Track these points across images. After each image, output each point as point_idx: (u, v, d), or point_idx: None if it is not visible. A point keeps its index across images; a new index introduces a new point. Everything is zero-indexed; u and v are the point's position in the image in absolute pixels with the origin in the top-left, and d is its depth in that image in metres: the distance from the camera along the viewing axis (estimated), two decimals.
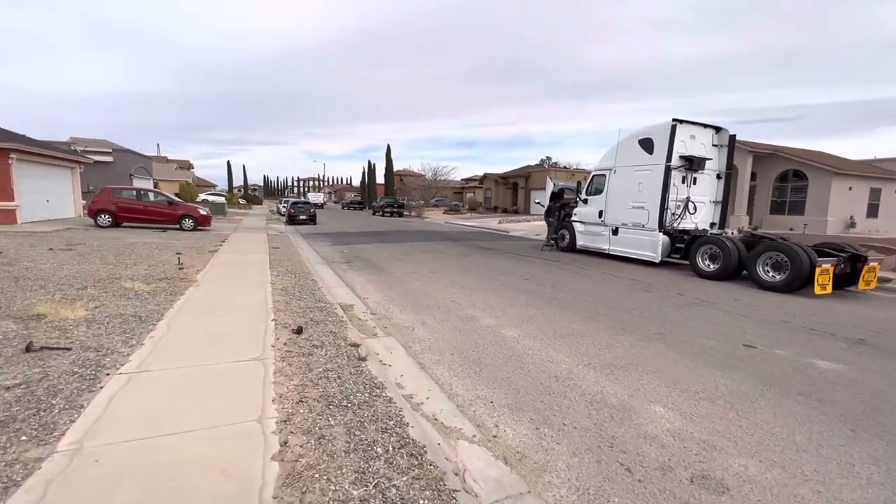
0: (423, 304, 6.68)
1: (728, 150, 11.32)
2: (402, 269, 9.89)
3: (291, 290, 6.71)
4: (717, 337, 5.25)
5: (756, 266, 8.52)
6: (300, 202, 26.16)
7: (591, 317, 6.06)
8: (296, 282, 7.43)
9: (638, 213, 11.29)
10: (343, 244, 14.88)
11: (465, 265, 10.60)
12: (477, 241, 16.78)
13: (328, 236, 17.74)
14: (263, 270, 8.36)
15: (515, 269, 10.09)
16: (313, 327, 4.89)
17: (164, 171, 45.77)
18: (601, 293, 7.65)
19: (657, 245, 10.73)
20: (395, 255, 12.14)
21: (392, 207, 38.02)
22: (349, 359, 3.99)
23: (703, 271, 9.56)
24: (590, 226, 13.04)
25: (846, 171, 19.31)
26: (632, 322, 5.84)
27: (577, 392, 3.70)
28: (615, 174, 12.12)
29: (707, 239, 9.69)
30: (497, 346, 4.79)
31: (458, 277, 8.91)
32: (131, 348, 3.95)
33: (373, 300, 6.87)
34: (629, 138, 11.72)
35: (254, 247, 12.30)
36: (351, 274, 9.14)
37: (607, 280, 8.97)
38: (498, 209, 41.13)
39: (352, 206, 55.19)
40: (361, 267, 10.07)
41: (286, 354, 3.97)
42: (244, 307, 5.57)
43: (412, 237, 18.04)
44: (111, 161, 26.32)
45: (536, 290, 7.75)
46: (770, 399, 3.63)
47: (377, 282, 8.33)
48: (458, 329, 5.41)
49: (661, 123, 10.81)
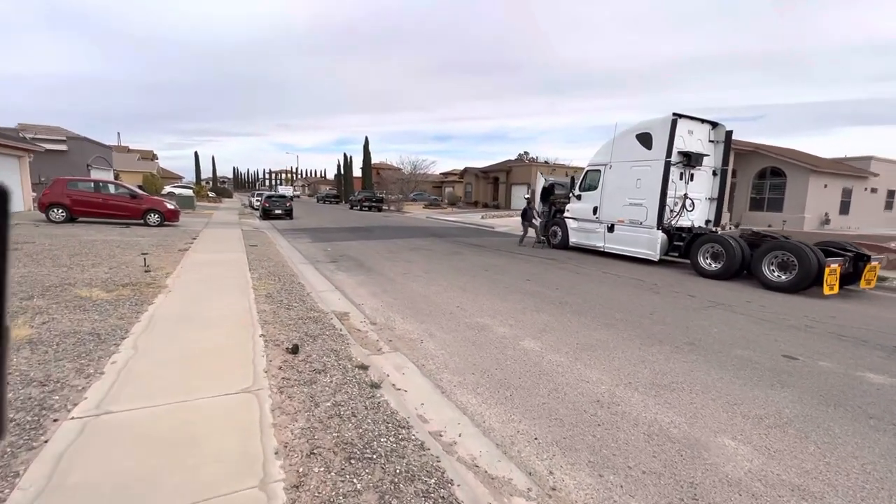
0: (426, 310, 6.08)
1: (724, 146, 11.15)
2: (392, 269, 9.23)
3: (278, 297, 5.97)
4: (750, 346, 4.88)
5: (762, 266, 8.31)
6: (275, 196, 24.94)
7: (610, 324, 5.61)
8: (281, 286, 6.68)
9: (635, 209, 10.98)
10: (325, 241, 14.04)
11: (459, 264, 10.03)
12: (464, 238, 16.23)
13: (307, 232, 16.81)
14: (243, 272, 7.54)
15: (513, 269, 9.59)
16: (310, 344, 4.21)
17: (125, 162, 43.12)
18: (610, 295, 7.24)
19: (656, 243, 10.46)
20: (382, 254, 11.44)
21: (371, 201, 36.97)
22: (360, 386, 3.36)
23: (704, 270, 9.32)
24: (583, 222, 12.69)
25: (822, 170, 19.76)
26: (654, 329, 5.42)
27: (628, 421, 3.20)
28: (611, 170, 11.77)
29: (709, 237, 9.45)
30: (521, 363, 4.25)
31: (456, 278, 8.33)
32: (87, 379, 3.19)
33: (369, 306, 6.22)
34: (626, 133, 11.38)
35: (229, 244, 11.35)
36: (339, 275, 8.42)
37: (611, 280, 8.58)
38: (478, 204, 40.70)
39: (327, 199, 53.59)
40: (349, 267, 9.35)
41: (283, 384, 3.30)
42: (225, 319, 4.83)
43: (396, 233, 17.33)
44: (65, 150, 24.30)
45: (542, 293, 7.26)
46: (843, 425, 3.23)
47: (369, 284, 7.66)
48: (472, 341, 4.84)
49: (661, 118, 10.50)
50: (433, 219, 27.72)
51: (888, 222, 24.05)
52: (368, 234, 16.44)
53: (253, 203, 34.13)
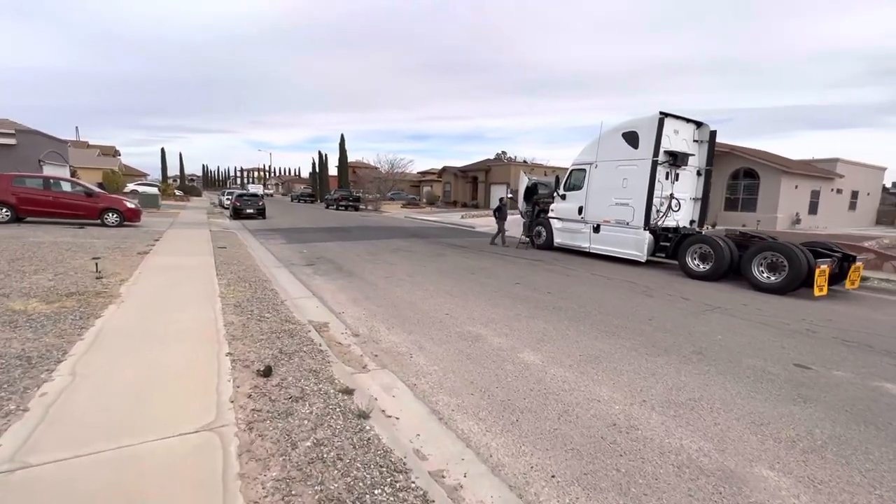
0: (413, 318, 5.61)
1: (708, 146, 11.09)
2: (374, 272, 8.70)
3: (248, 306, 5.38)
4: (759, 355, 4.63)
5: (751, 267, 8.20)
6: (247, 194, 23.86)
7: (611, 331, 5.29)
8: (252, 293, 6.07)
9: (622, 209, 10.80)
10: (300, 242, 13.34)
11: (444, 267, 9.59)
12: (446, 238, 15.80)
13: (281, 233, 16.02)
14: (209, 278, 6.88)
15: (500, 271, 9.22)
16: (285, 363, 3.69)
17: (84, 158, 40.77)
18: (604, 299, 6.94)
19: (643, 244, 10.29)
20: (362, 256, 10.88)
21: (347, 201, 36.04)
22: (346, 417, 2.87)
23: (693, 271, 9.19)
24: (568, 223, 12.46)
25: (793, 171, 20.29)
26: (657, 337, 5.12)
27: (653, 450, 2.83)
28: (596, 169, 11.57)
29: (697, 238, 9.33)
30: (523, 379, 3.85)
31: (442, 282, 7.89)
32: (6, 420, 2.59)
33: (351, 315, 5.70)
34: (612, 131, 11.19)
35: (195, 246, 10.55)
36: (317, 280, 7.84)
37: (602, 283, 8.32)
38: (457, 203, 40.33)
39: (302, 198, 52.12)
40: (327, 270, 8.76)
41: (254, 417, 2.78)
42: (187, 334, 4.23)
43: (375, 233, 16.74)
44: (14, 144, 22.51)
45: (534, 297, 6.91)
46: (880, 446, 2.95)
47: (350, 289, 7.12)
48: (467, 354, 4.41)
49: (647, 117, 10.34)
50: (412, 218, 27.18)
51: (852, 222, 25.02)
52: (346, 235, 15.80)
53: (223, 202, 32.72)
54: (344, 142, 46.36)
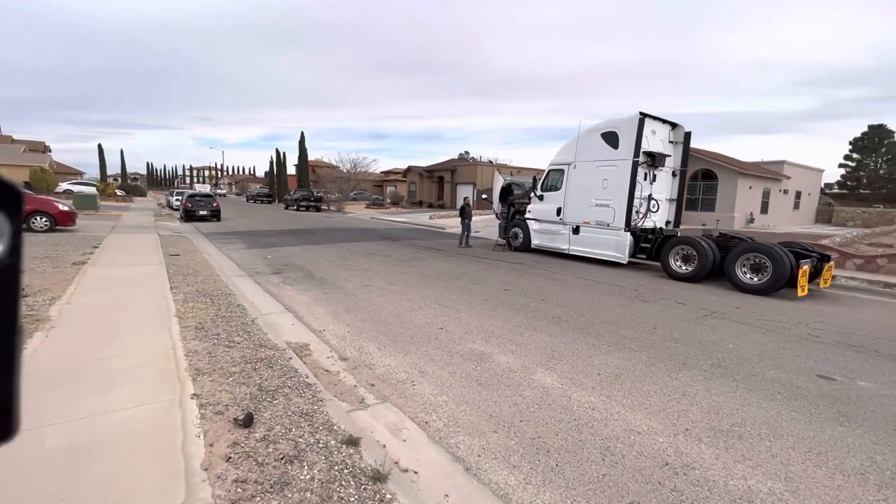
0: (405, 335, 5.03)
1: (683, 146, 11.19)
2: (350, 280, 8.00)
3: (212, 328, 4.60)
4: (778, 366, 4.41)
5: (735, 268, 8.21)
6: (199, 194, 22.13)
7: (621, 343, 4.94)
8: (215, 311, 5.26)
9: (602, 211, 10.65)
10: (262, 247, 12.31)
11: (425, 272, 9.02)
12: (418, 241, 15.21)
13: (240, 236, 14.82)
14: (162, 293, 5.96)
15: (485, 276, 8.77)
16: (268, 405, 3.02)
17: (7, 154, 36.85)
18: (601, 306, 6.64)
19: (624, 245, 10.18)
20: (333, 261, 10.10)
21: (308, 201, 34.54)
22: (357, 483, 2.27)
23: (676, 273, 9.13)
24: (546, 224, 12.22)
25: (748, 172, 21.26)
26: (670, 348, 4.82)
27: (721, 496, 2.43)
28: (575, 169, 11.38)
29: (680, 239, 9.29)
30: (548, 409, 3.38)
31: (427, 290, 7.33)
32: None
33: (334, 333, 5.03)
34: (591, 131, 11.03)
35: (143, 254, 9.38)
36: (287, 291, 7.06)
37: (592, 287, 8.04)
38: (423, 203, 39.69)
39: (259, 198, 49.68)
40: (298, 279, 7.97)
41: (238, 494, 2.11)
42: (138, 370, 3.44)
43: (343, 236, 15.88)
44: None
45: (528, 306, 6.49)
46: None
47: (327, 302, 6.42)
48: (476, 379, 3.90)
49: (627, 117, 10.24)
50: (378, 219, 26.32)
51: (796, 220, 26.68)
52: (312, 238, 14.84)
53: (172, 203, 30.33)
54: (304, 140, 44.61)
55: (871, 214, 26.68)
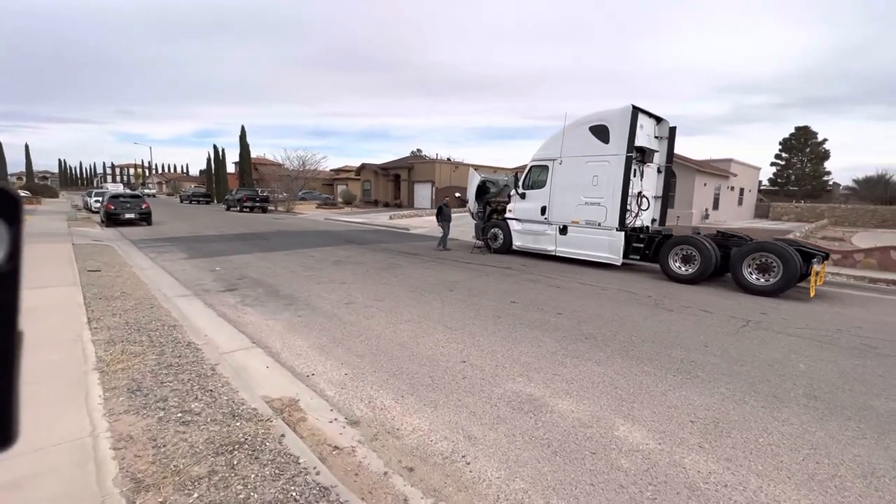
0: (421, 374, 3.89)
1: (668, 142, 10.82)
2: (325, 296, 6.67)
3: (154, 388, 3.20)
4: (877, 393, 3.76)
5: (742, 268, 7.80)
6: (124, 195, 19.20)
7: (683, 369, 4.12)
8: (157, 356, 3.81)
9: (592, 209, 10.00)
10: (207, 255, 10.49)
11: (410, 283, 7.84)
12: (386, 244, 13.90)
13: (178, 244, 12.73)
14: (75, 330, 4.36)
15: (480, 286, 7.75)
16: None
17: None
18: (627, 319, 5.85)
19: (618, 246, 9.59)
20: (297, 272, 8.64)
21: (253, 201, 31.74)
22: None
23: (677, 275, 8.63)
24: (529, 224, 11.43)
25: (703, 170, 21.93)
26: (743, 374, 4.06)
27: None
28: (561, 165, 10.66)
29: (680, 239, 8.79)
30: (670, 492, 2.41)
31: (421, 306, 6.19)
32: None
33: (327, 377, 3.79)
34: (577, 125, 10.34)
35: (50, 270, 7.40)
36: (250, 314, 5.62)
37: (602, 294, 7.27)
38: (378, 203, 37.98)
39: (195, 199, 45.30)
40: (259, 297, 6.51)
41: None
42: (38, 482, 2.05)
43: (301, 240, 14.20)
44: None
45: (548, 322, 5.56)
46: None
47: (305, 329, 5.10)
48: (546, 443, 2.86)
49: (618, 109, 9.64)
50: (334, 220, 24.49)
51: (741, 216, 28.20)
52: (266, 244, 13.07)
53: (90, 204, 26.50)
54: (245, 135, 41.23)
55: (802, 209, 28.77)
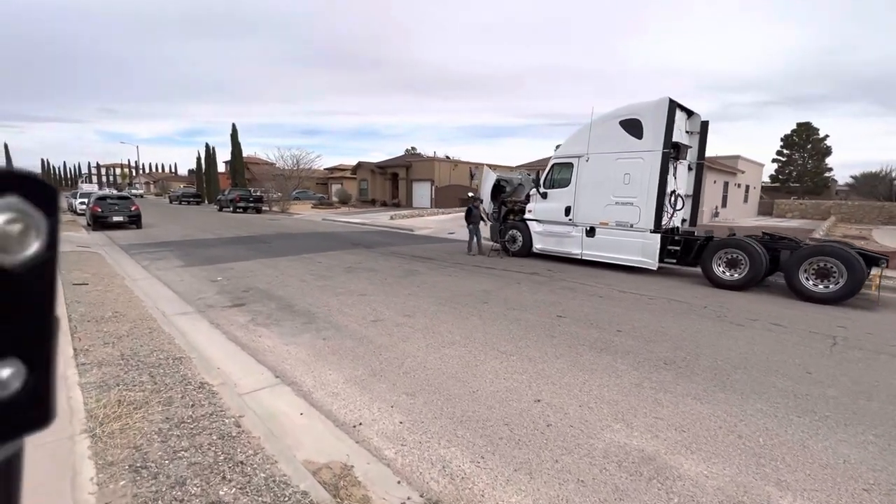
0: (493, 421, 3.14)
1: (700, 137, 10.17)
2: (346, 311, 5.89)
3: (166, 463, 2.41)
4: None
5: (798, 274, 7.17)
6: (111, 196, 18.14)
7: (805, 408, 3.42)
8: (163, 406, 3.02)
9: (624, 210, 9.32)
10: (206, 262, 9.61)
11: (437, 293, 7.08)
12: (395, 246, 13.11)
13: (173, 249, 11.81)
14: (57, 371, 3.53)
15: (514, 296, 7.01)
16: None
17: None
18: (697, 336, 5.15)
19: (654, 249, 8.91)
20: (307, 281, 7.84)
21: (247, 201, 30.63)
22: None
23: (721, 280, 7.98)
24: (552, 225, 10.72)
25: (712, 166, 21.41)
26: (878, 412, 3.38)
27: None
28: (588, 163, 9.96)
29: (726, 242, 8.13)
30: None
31: (459, 323, 5.44)
32: None
33: (378, 428, 3.03)
34: (606, 119, 9.64)
35: None
36: (265, 337, 4.83)
37: (651, 305, 6.58)
38: (376, 202, 37.05)
39: (185, 199, 43.96)
40: (272, 314, 5.70)
41: None
42: None
43: (304, 244, 13.34)
44: None
45: (612, 343, 4.84)
46: None
47: (333, 355, 4.33)
48: None
49: (652, 102, 8.95)
50: (333, 221, 23.59)
51: (746, 213, 27.84)
52: (268, 248, 12.21)
53: (75, 206, 25.24)
54: (237, 134, 39.94)
55: (806, 206, 28.49)
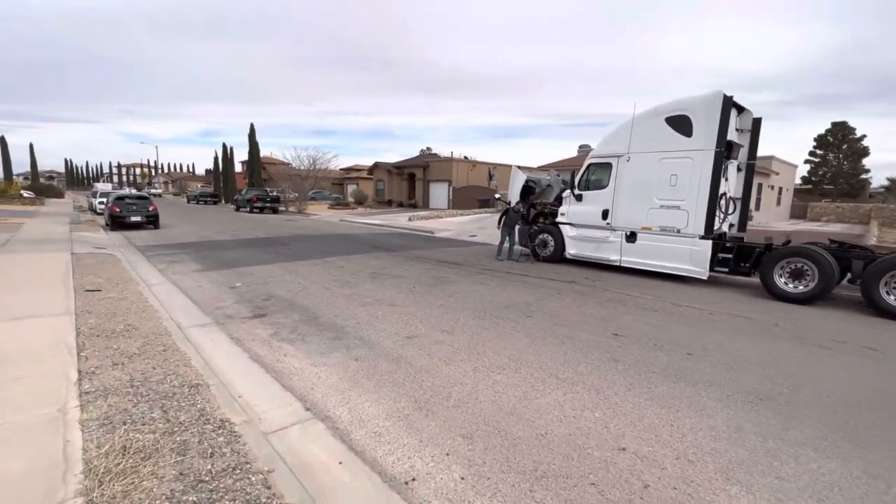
0: (577, 479, 2.54)
1: (752, 135, 9.38)
2: (376, 325, 5.33)
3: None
4: None
5: (879, 288, 6.39)
6: (130, 196, 17.97)
7: None
8: (178, 460, 2.48)
9: (670, 213, 8.59)
10: (223, 266, 9.18)
11: (473, 304, 6.48)
12: (416, 250, 12.54)
13: (189, 251, 11.45)
14: (56, 397, 3.03)
15: (557, 309, 6.38)
16: None
17: None
18: (786, 364, 4.46)
19: (705, 257, 8.18)
20: (331, 289, 7.31)
21: (264, 201, 30.50)
22: None
23: (785, 293, 7.21)
24: (587, 229, 10.04)
25: None
26: None
27: None
28: (629, 162, 9.25)
29: (791, 251, 7.36)
30: None
31: (506, 342, 4.83)
32: None
33: (441, 491, 2.43)
34: (650, 115, 8.92)
35: (37, 292, 6.11)
36: (292, 358, 4.28)
37: (718, 322, 5.87)
38: (392, 203, 36.61)
39: (202, 199, 44.23)
40: (296, 327, 5.17)
41: None
42: None
43: (323, 246, 12.87)
44: None
45: (686, 370, 4.18)
46: None
47: (372, 383, 3.76)
48: None
49: (704, 96, 8.21)
50: (350, 222, 23.17)
51: (779, 216, 26.61)
52: (287, 251, 11.76)
53: (94, 206, 25.32)
54: (254, 133, 39.95)
55: (844, 210, 27.13)
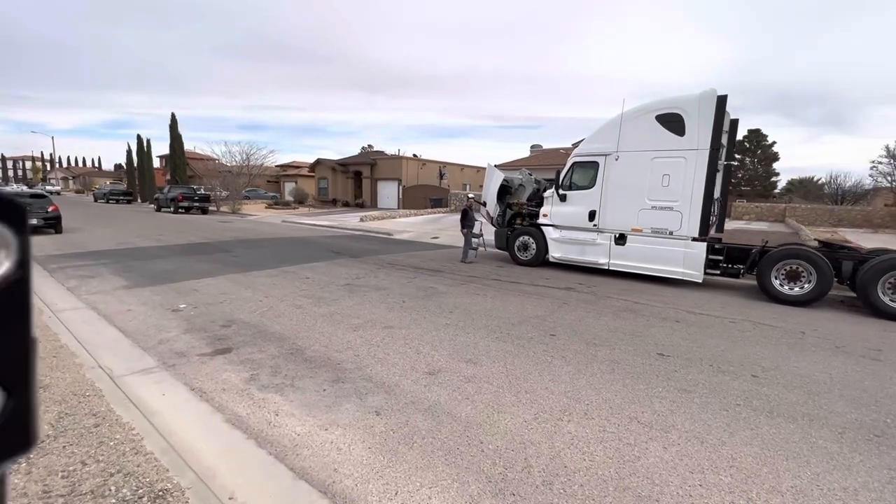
0: None
1: (729, 136, 9.41)
2: (385, 358, 4.28)
3: None
4: None
5: (877, 289, 6.44)
6: (21, 194, 14.81)
7: None
8: None
9: (662, 215, 8.32)
10: (156, 280, 7.45)
11: (483, 323, 5.60)
12: (385, 255, 11.40)
13: (107, 261, 9.36)
14: None
15: (577, 323, 5.69)
16: None
17: None
18: (861, 383, 4.08)
19: (698, 259, 7.98)
20: (304, 307, 6.06)
21: (191, 200, 27.15)
22: None
23: (782, 295, 7.15)
24: (571, 231, 9.57)
25: None
26: None
27: None
28: (617, 162, 8.87)
29: (787, 252, 7.30)
30: None
31: (548, 375, 4.02)
32: None
33: None
34: (639, 113, 8.60)
35: None
36: (287, 418, 3.12)
37: (746, 331, 5.49)
38: (337, 202, 34.53)
39: (113, 197, 38.88)
40: (280, 368, 3.96)
41: None
42: None
43: (275, 252, 11.27)
44: None
45: (764, 398, 3.64)
46: None
47: (418, 455, 2.76)
48: None
49: (697, 94, 7.99)
50: (295, 223, 21.20)
51: None
52: (234, 259, 10.06)
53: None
54: (176, 124, 35.73)
55: (762, 209, 29.81)
